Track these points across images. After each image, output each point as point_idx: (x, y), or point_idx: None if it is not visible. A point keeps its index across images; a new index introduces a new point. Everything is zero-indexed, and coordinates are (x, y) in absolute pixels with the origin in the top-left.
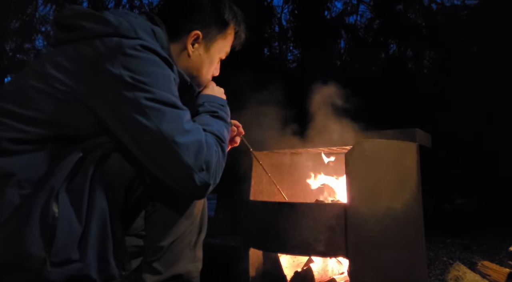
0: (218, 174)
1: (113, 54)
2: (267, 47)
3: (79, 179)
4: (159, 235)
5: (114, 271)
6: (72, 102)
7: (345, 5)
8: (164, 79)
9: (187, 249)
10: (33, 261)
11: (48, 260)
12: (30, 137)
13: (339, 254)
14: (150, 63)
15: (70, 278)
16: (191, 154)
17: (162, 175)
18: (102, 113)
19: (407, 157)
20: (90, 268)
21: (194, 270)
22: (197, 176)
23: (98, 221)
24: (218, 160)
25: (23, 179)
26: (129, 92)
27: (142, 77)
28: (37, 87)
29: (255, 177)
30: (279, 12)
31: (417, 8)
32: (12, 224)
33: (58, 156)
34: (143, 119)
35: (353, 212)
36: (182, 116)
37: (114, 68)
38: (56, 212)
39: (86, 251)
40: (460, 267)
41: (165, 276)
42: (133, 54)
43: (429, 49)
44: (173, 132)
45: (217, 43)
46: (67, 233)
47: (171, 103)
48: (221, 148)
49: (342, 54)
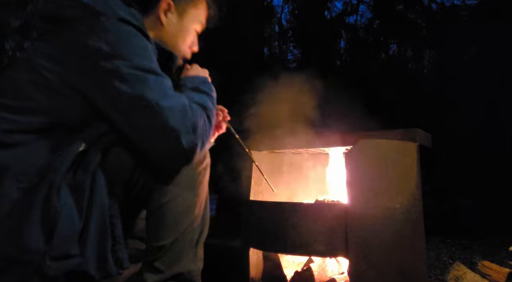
0: (205, 137)
1: (91, 30)
2: (267, 47)
3: (80, 173)
4: (160, 234)
5: (112, 268)
6: (62, 88)
7: (345, 5)
8: (143, 48)
9: (188, 248)
10: (32, 255)
11: (48, 254)
12: (24, 128)
13: (339, 254)
14: (128, 35)
15: (69, 273)
16: (177, 117)
17: (149, 144)
18: (90, 92)
19: (407, 157)
20: (88, 263)
21: (195, 269)
22: (184, 138)
23: (98, 216)
24: (204, 124)
25: (19, 172)
26: (109, 63)
27: (120, 47)
28: (28, 79)
29: (255, 177)
30: (279, 12)
31: (417, 8)
32: (11, 219)
33: (56, 148)
34: (125, 87)
35: (353, 212)
36: (164, 83)
37: (93, 42)
38: (57, 206)
39: (86, 246)
40: (460, 267)
41: (166, 275)
42: (110, 28)
43: (429, 49)
44: (157, 97)
45: (190, 12)
46: (68, 227)
47: (152, 70)
48: (206, 115)
49: (342, 54)
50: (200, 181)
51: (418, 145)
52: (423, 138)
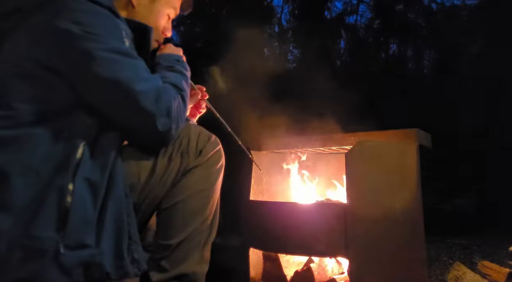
0: (180, 119)
1: (58, 13)
2: (267, 47)
3: (98, 166)
4: (170, 233)
5: (128, 267)
6: (41, 75)
7: (345, 5)
8: (114, 29)
9: (195, 249)
10: (47, 243)
11: (62, 242)
12: (20, 122)
13: (339, 254)
14: (97, 15)
15: (84, 265)
16: (151, 100)
17: (126, 125)
18: (67, 76)
19: (407, 157)
20: (103, 256)
21: (200, 271)
22: (159, 122)
23: (114, 210)
24: (178, 106)
25: (24, 166)
26: (81, 45)
27: (91, 29)
28: (13, 71)
29: (255, 177)
30: (279, 12)
31: (417, 8)
32: (25, 211)
33: (59, 139)
34: (99, 70)
35: (353, 212)
36: (138, 65)
37: (62, 24)
38: (70, 196)
39: (101, 238)
40: (460, 267)
41: (170, 275)
42: (78, 8)
43: (429, 49)
44: (131, 81)
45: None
46: (80, 215)
47: (125, 52)
48: (181, 96)
49: (342, 54)
50: (213, 181)
51: (418, 145)
52: (423, 139)
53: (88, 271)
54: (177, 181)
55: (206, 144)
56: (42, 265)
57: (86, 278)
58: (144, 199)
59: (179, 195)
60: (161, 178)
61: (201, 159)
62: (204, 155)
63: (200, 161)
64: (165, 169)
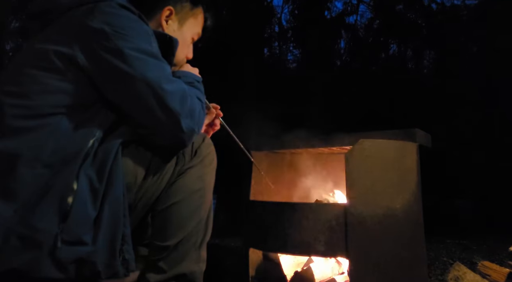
0: (200, 123)
1: (92, 14)
2: (267, 47)
3: (99, 162)
4: (166, 234)
5: (118, 267)
6: (68, 70)
7: (345, 5)
8: (144, 33)
9: (192, 249)
10: (45, 235)
11: (60, 237)
12: (35, 113)
13: (339, 254)
14: (128, 19)
15: (78, 262)
16: (178, 100)
17: (150, 124)
18: (93, 73)
19: (407, 157)
20: (97, 255)
21: (198, 270)
22: (184, 122)
23: (112, 209)
24: (200, 111)
25: (33, 157)
26: (112, 43)
27: (122, 30)
28: (36, 65)
29: (255, 177)
30: (279, 12)
31: (417, 8)
32: (28, 202)
33: (71, 132)
34: (128, 68)
35: (353, 212)
36: (165, 67)
37: (95, 24)
38: (73, 192)
39: (97, 237)
40: (460, 267)
41: (168, 275)
42: (111, 11)
43: (429, 49)
44: (159, 80)
45: (189, 21)
46: (81, 213)
47: (154, 54)
48: (201, 106)
49: (342, 54)
50: (208, 181)
51: (418, 145)
52: (423, 139)
53: (81, 268)
54: (172, 181)
55: (201, 144)
56: (38, 256)
57: (77, 275)
58: (139, 199)
59: (175, 196)
60: (157, 178)
61: (196, 159)
62: (199, 155)
63: (196, 162)
64: (161, 169)
